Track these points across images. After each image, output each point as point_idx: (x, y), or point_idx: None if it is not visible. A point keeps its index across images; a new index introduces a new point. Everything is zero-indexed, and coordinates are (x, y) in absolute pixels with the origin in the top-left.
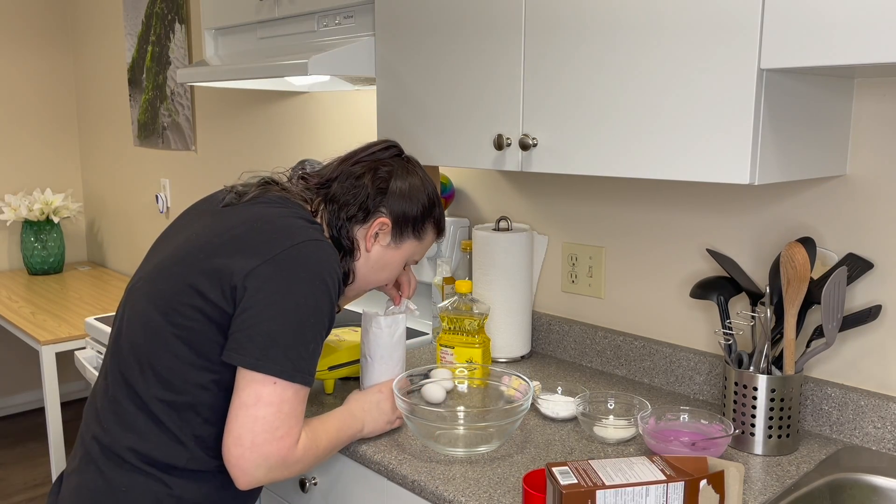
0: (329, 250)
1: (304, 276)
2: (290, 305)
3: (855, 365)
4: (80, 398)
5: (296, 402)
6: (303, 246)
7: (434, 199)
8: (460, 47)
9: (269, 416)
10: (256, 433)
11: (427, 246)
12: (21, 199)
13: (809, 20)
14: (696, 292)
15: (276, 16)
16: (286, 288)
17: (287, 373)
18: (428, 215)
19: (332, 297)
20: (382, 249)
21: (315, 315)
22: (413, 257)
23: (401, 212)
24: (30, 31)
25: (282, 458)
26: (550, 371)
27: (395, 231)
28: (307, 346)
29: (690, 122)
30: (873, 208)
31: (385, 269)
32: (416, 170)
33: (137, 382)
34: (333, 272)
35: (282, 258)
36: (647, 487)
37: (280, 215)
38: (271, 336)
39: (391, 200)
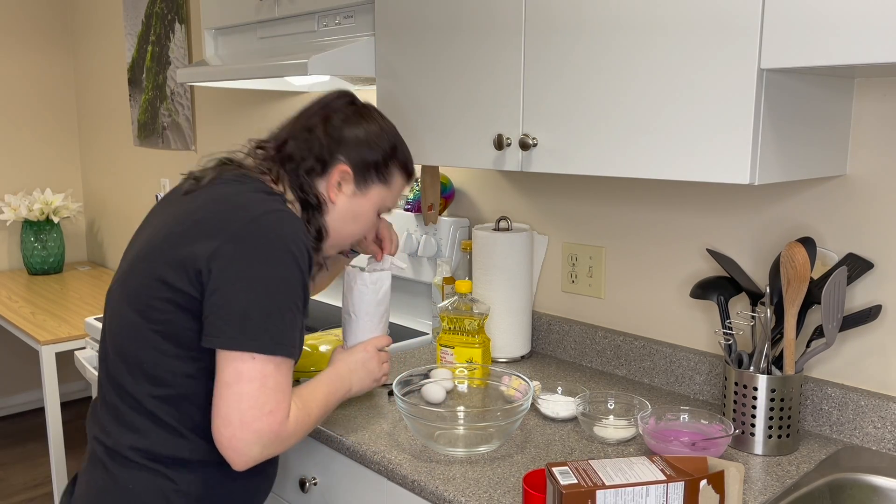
0: (290, 219)
1: (267, 247)
2: (257, 279)
3: (855, 365)
4: (80, 398)
5: (280, 376)
6: (262, 218)
7: (395, 142)
8: (460, 47)
9: (254, 392)
10: (243, 411)
11: (398, 191)
12: (21, 199)
13: (809, 20)
14: (696, 292)
15: (276, 16)
16: (251, 262)
17: (266, 346)
18: (391, 158)
19: (301, 265)
20: (348, 199)
21: (285, 285)
22: (384, 204)
23: (360, 158)
24: (30, 31)
25: (274, 433)
26: (550, 371)
27: (357, 178)
28: (282, 317)
29: (690, 122)
30: (873, 208)
31: (357, 220)
32: (373, 114)
33: (128, 383)
34: (297, 240)
35: (242, 234)
36: (647, 487)
37: (236, 193)
38: (243, 312)
39: (348, 147)
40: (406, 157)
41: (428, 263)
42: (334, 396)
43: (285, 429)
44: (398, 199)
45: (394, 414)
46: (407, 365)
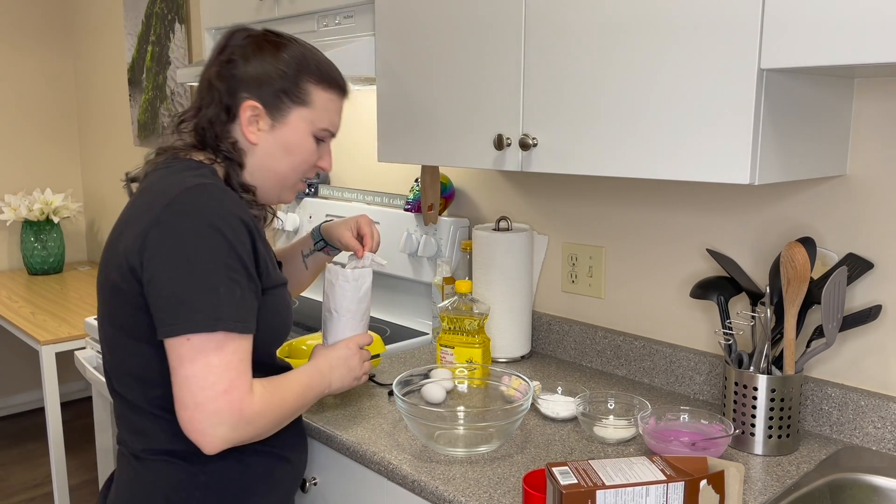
0: (209, 191)
1: (187, 226)
2: (181, 260)
3: (855, 365)
4: (80, 398)
5: (223, 353)
6: (179, 198)
7: (300, 58)
8: (460, 47)
9: (199, 373)
10: (194, 393)
11: (327, 107)
12: (21, 199)
13: (809, 20)
14: (696, 292)
15: (276, 16)
16: (174, 245)
17: (199, 325)
18: (299, 74)
19: (228, 235)
20: (269, 134)
21: (213, 260)
22: (316, 125)
23: (263, 87)
24: (30, 32)
25: (236, 412)
26: (550, 371)
27: (269, 109)
28: (215, 292)
29: (690, 121)
30: (873, 208)
31: (291, 151)
32: (270, 39)
33: (124, 391)
34: (219, 210)
35: (162, 218)
36: (647, 487)
37: (159, 179)
38: (173, 297)
39: (248, 82)
40: (319, 68)
41: (428, 263)
42: (312, 390)
43: (249, 407)
44: (335, 116)
45: (394, 414)
46: (407, 365)
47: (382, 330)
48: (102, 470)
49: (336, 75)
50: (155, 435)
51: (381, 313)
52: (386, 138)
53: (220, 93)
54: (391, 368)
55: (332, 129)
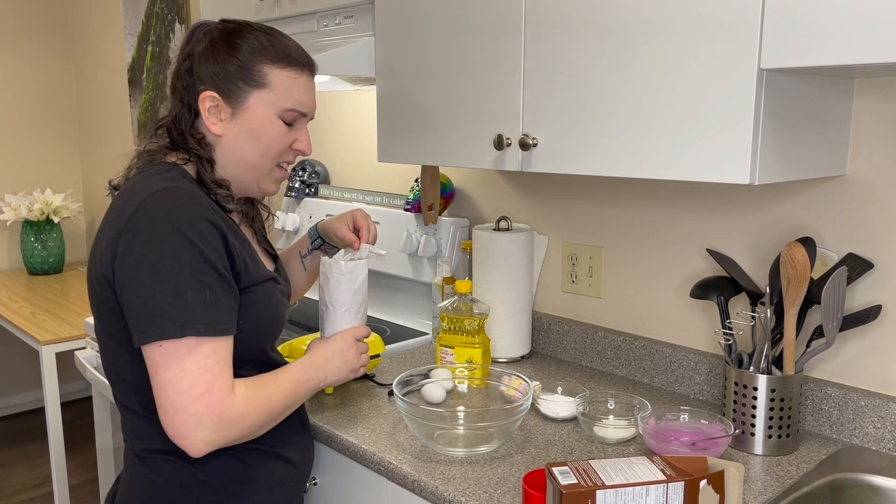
0: (173, 194)
1: (152, 232)
2: (147, 268)
3: (855, 365)
4: (80, 398)
5: (197, 356)
6: (145, 204)
7: (251, 40)
8: (460, 47)
9: (174, 378)
10: (171, 398)
11: (288, 86)
12: (21, 199)
13: (809, 20)
14: (696, 292)
15: (276, 16)
16: (140, 253)
17: (167, 332)
18: (252, 57)
19: (194, 239)
20: (232, 123)
21: (178, 264)
22: (281, 106)
23: (216, 77)
24: (30, 32)
25: (216, 414)
26: (550, 371)
27: (226, 97)
28: (181, 297)
29: (690, 122)
30: (873, 208)
31: (258, 137)
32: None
33: (121, 395)
34: (184, 212)
35: (129, 227)
36: (647, 487)
37: (131, 187)
38: (141, 305)
39: (202, 76)
40: (273, 47)
41: (428, 263)
42: (304, 386)
43: (230, 409)
44: (302, 95)
45: (394, 414)
46: (407, 365)
47: (382, 330)
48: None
49: (294, 53)
50: (153, 437)
51: (381, 313)
52: (386, 138)
53: (181, 91)
54: (391, 368)
55: (300, 109)
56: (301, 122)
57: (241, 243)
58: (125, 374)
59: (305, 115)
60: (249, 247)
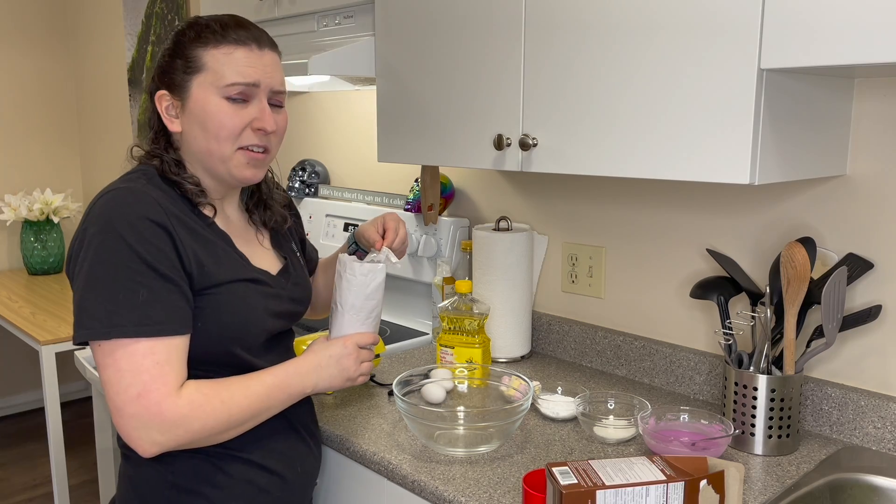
0: (121, 195)
1: (92, 234)
2: (85, 270)
3: (855, 365)
4: (80, 398)
5: (133, 357)
6: (92, 208)
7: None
8: (460, 47)
9: (112, 378)
10: (112, 398)
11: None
12: (21, 199)
13: (809, 20)
14: (696, 292)
15: (276, 16)
16: (83, 255)
17: (98, 332)
18: (182, 46)
19: (129, 240)
20: (185, 118)
21: (112, 266)
22: (220, 82)
23: (162, 73)
24: (30, 32)
25: (155, 415)
26: (550, 371)
27: (173, 92)
28: (113, 299)
29: (690, 122)
30: (873, 208)
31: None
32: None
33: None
34: (126, 214)
35: (81, 229)
36: (647, 487)
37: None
38: (79, 305)
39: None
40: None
41: (428, 263)
42: (283, 392)
43: (171, 410)
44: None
45: (394, 414)
46: (407, 365)
47: (382, 330)
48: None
49: (230, 31)
50: None
51: (382, 313)
52: (386, 138)
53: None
54: (391, 368)
55: (243, 81)
56: (255, 97)
57: (202, 243)
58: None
59: (257, 86)
60: (216, 246)
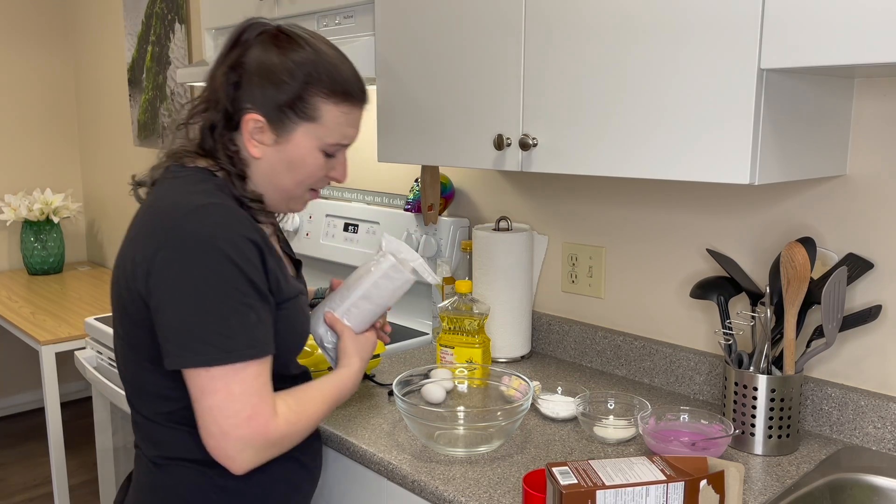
0: (216, 212)
1: (193, 252)
2: (188, 289)
3: (855, 365)
4: (80, 398)
5: (245, 381)
6: (184, 221)
7: (310, 65)
8: (460, 47)
9: (222, 403)
10: (219, 422)
11: (338, 121)
12: (21, 199)
13: (809, 20)
14: (696, 292)
15: (276, 16)
16: (179, 272)
17: (213, 359)
18: (306, 87)
19: (236, 258)
20: (272, 149)
21: (221, 288)
22: (325, 141)
23: (266, 99)
24: (30, 32)
25: (261, 436)
26: (550, 371)
27: (272, 124)
28: (225, 322)
29: (690, 122)
30: (873, 208)
31: (295, 168)
32: (280, 42)
33: (138, 404)
34: (227, 233)
35: (167, 244)
36: (647, 487)
37: (165, 195)
38: (183, 328)
39: (250, 90)
40: (331, 78)
41: (428, 263)
42: (343, 395)
43: (274, 430)
44: (349, 129)
45: (394, 414)
46: (407, 365)
47: None
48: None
49: (351, 85)
50: (173, 445)
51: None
52: (386, 138)
53: (223, 98)
54: (391, 368)
55: (344, 142)
56: (341, 151)
57: (275, 259)
58: (145, 384)
59: (348, 146)
60: (281, 261)
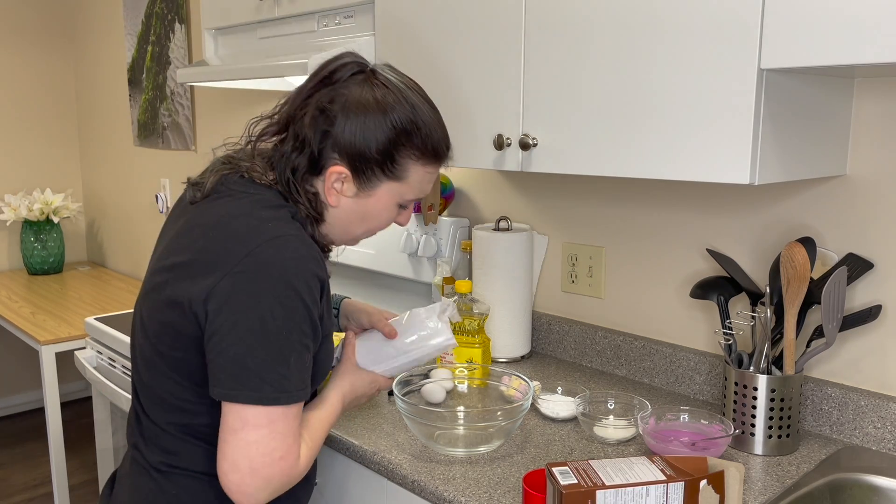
0: (293, 245)
1: (265, 285)
2: (255, 323)
3: (855, 365)
4: (80, 398)
5: (288, 420)
6: (259, 251)
7: (407, 125)
8: (460, 47)
9: (263, 439)
10: (253, 458)
11: (422, 180)
12: (21, 199)
13: (809, 20)
14: (696, 292)
15: (276, 16)
16: (247, 304)
17: (267, 398)
18: (397, 146)
19: (306, 298)
20: (352, 200)
21: (287, 326)
22: (404, 197)
23: (355, 153)
24: (30, 31)
25: (286, 476)
26: (550, 371)
27: (357, 178)
28: (286, 361)
29: (690, 122)
30: (873, 208)
31: (367, 220)
32: (376, 91)
33: (153, 412)
34: (302, 269)
35: (238, 271)
36: (647, 487)
37: (235, 213)
38: (241, 361)
39: (340, 144)
40: (424, 140)
41: (428, 263)
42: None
43: (296, 470)
44: (427, 185)
45: (394, 414)
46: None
47: None
48: (102, 470)
49: (441, 146)
50: (182, 456)
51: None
52: None
53: (309, 139)
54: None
55: (420, 197)
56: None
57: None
58: (166, 395)
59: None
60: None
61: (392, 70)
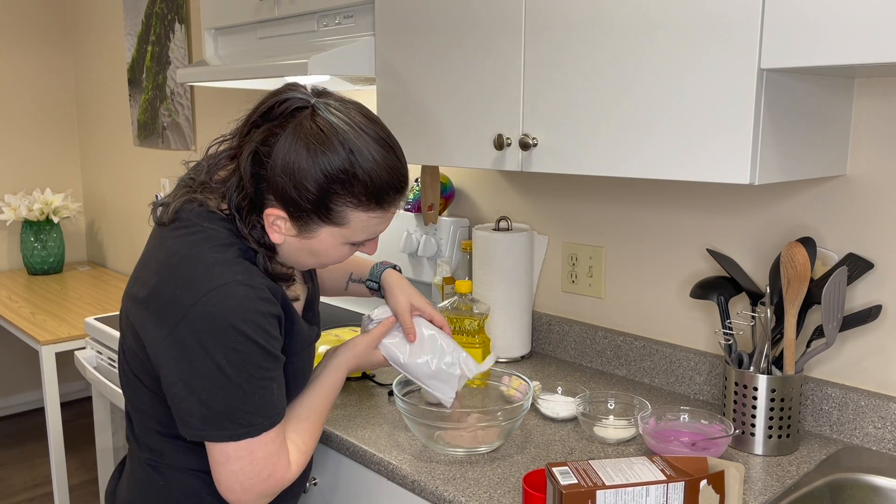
0: (239, 292)
1: (215, 336)
2: (210, 371)
3: (855, 365)
4: (80, 398)
5: (267, 444)
6: (206, 300)
7: (336, 170)
8: (460, 47)
9: (246, 468)
10: (242, 482)
11: (366, 224)
12: (21, 199)
13: (809, 20)
14: (696, 292)
15: (276, 16)
16: (200, 353)
17: (238, 434)
18: (330, 194)
19: (260, 341)
20: (296, 240)
21: (245, 369)
22: (351, 239)
23: (288, 199)
24: (29, 32)
25: (279, 484)
26: (550, 371)
27: (294, 222)
28: (250, 400)
29: (690, 122)
30: (873, 208)
31: (317, 255)
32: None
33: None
34: (250, 314)
35: (185, 323)
36: (647, 487)
37: (185, 253)
38: (206, 407)
39: (274, 187)
40: (365, 189)
41: (428, 263)
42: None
43: (289, 475)
44: (378, 227)
45: (394, 414)
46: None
47: None
48: (102, 470)
49: (386, 191)
50: (169, 455)
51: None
52: None
53: (245, 178)
54: (391, 368)
55: (373, 237)
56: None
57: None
58: (146, 408)
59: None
60: (295, 314)
61: (338, 106)
